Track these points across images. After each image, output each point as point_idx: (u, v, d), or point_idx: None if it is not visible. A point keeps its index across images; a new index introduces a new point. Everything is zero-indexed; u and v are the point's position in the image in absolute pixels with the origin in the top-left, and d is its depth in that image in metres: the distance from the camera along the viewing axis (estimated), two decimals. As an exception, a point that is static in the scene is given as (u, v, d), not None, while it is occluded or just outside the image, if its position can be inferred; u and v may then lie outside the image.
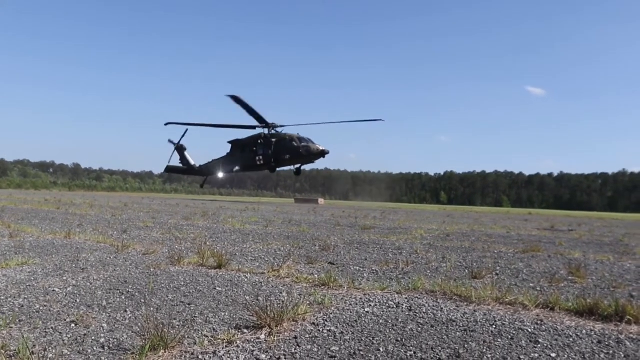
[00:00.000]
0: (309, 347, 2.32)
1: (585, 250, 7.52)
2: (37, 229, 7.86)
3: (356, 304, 3.23)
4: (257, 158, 37.38)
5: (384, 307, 3.18)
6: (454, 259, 5.67)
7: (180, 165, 44.44)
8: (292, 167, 38.54)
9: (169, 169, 45.85)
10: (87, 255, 5.11)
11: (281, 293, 3.52)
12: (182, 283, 3.80)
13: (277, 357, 2.18)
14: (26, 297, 3.20)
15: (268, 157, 36.73)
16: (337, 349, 2.31)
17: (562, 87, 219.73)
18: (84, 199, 28.26)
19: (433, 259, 5.67)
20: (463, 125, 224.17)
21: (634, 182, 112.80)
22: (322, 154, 35.78)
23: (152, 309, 2.97)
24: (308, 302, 3.14)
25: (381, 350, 2.30)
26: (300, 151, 35.51)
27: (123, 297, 3.27)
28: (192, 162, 43.98)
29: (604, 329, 2.77)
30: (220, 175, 42.88)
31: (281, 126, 37.05)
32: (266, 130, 37.58)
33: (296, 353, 2.23)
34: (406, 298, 3.46)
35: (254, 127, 37.32)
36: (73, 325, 2.58)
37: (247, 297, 3.33)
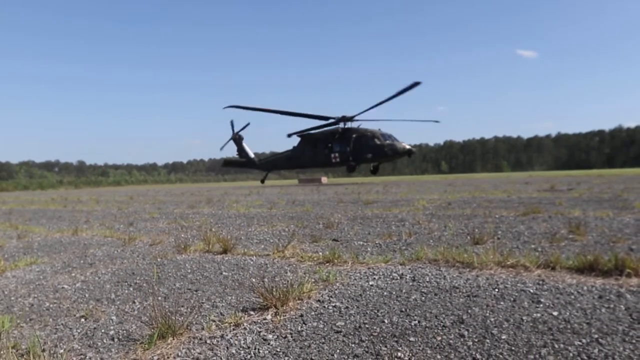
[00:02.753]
0: (315, 323, 2.37)
1: (585, 208, 7.55)
2: (44, 228, 7.93)
3: (360, 278, 3.27)
4: (333, 155, 33.40)
5: (387, 279, 3.22)
6: (456, 227, 5.70)
7: (238, 158, 41.26)
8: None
9: (227, 163, 43.03)
10: (95, 251, 5.17)
11: (286, 273, 3.57)
12: (189, 270, 3.85)
13: (283, 336, 2.23)
14: (36, 295, 3.26)
15: (345, 155, 32.68)
16: (343, 323, 2.35)
17: (553, 47, 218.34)
18: (90, 195, 28.38)
19: (435, 228, 5.71)
20: (459, 94, 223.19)
21: (631, 137, 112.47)
22: (409, 153, 31.70)
23: (159, 298, 3.02)
24: (313, 280, 3.19)
25: (386, 322, 2.35)
26: (385, 150, 31.36)
27: (131, 289, 3.32)
28: (252, 155, 40.52)
29: (605, 284, 2.81)
30: (286, 171, 39.78)
31: (355, 119, 32.95)
32: (337, 124, 33.52)
33: (302, 331, 2.28)
34: (409, 269, 3.50)
35: (326, 118, 33.29)
36: (83, 320, 2.63)
37: (253, 280, 3.37)
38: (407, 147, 31.66)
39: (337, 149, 33.28)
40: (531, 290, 2.75)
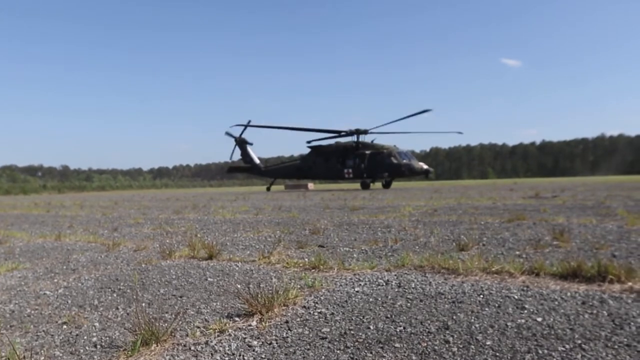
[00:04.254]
0: (300, 330, 2.36)
1: (569, 215, 7.63)
2: (26, 234, 7.81)
3: (346, 285, 3.27)
4: (346, 170, 32.90)
5: (373, 285, 3.22)
6: (441, 233, 5.73)
7: (242, 163, 39.85)
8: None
9: (232, 169, 42.33)
10: (78, 256, 5.10)
11: (272, 279, 3.55)
12: (174, 276, 3.81)
13: (268, 342, 2.21)
14: (17, 302, 3.20)
15: (359, 171, 32.19)
16: (328, 330, 2.34)
17: (537, 56, 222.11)
18: (74, 200, 28.02)
19: (421, 234, 5.73)
20: (444, 101, 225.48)
21: (614, 145, 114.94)
22: (426, 172, 31.43)
23: (143, 304, 2.98)
24: (298, 286, 3.17)
25: (371, 328, 2.34)
26: (402, 169, 30.84)
27: (115, 295, 3.28)
28: (257, 161, 39.20)
29: (588, 290, 2.84)
30: (294, 180, 38.97)
31: (369, 132, 32.63)
32: (349, 137, 33.21)
33: (287, 337, 2.27)
34: (395, 275, 3.50)
35: (339, 132, 33.02)
36: (65, 326, 2.59)
37: (239, 286, 3.35)
38: (425, 167, 31.28)
39: (350, 164, 32.70)
40: (516, 297, 2.77)
